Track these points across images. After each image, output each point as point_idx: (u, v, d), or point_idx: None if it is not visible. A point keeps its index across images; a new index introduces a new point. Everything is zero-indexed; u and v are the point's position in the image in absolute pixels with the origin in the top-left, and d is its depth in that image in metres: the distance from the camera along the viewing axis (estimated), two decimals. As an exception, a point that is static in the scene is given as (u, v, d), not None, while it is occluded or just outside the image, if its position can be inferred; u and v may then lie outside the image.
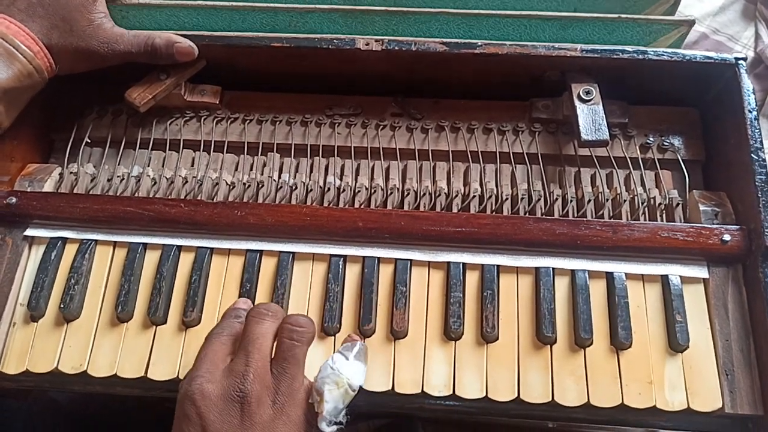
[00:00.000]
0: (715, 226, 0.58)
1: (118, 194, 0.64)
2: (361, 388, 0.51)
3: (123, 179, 0.65)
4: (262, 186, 0.65)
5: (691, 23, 0.66)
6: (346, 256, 0.60)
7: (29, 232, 0.62)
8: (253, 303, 0.58)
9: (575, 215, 0.62)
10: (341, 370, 0.50)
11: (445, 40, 0.64)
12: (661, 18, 0.66)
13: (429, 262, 0.60)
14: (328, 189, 0.64)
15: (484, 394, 0.54)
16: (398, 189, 0.64)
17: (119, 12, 0.66)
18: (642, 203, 0.62)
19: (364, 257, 0.60)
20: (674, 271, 0.58)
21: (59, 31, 0.59)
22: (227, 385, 0.47)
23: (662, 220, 0.61)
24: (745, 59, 0.62)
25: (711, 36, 1.13)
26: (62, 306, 0.58)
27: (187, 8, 0.67)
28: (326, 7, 0.67)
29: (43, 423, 0.73)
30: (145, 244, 0.61)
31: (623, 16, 0.65)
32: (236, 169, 0.67)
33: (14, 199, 0.61)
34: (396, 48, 0.63)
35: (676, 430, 0.57)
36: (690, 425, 0.55)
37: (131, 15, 0.67)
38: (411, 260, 0.60)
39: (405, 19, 0.67)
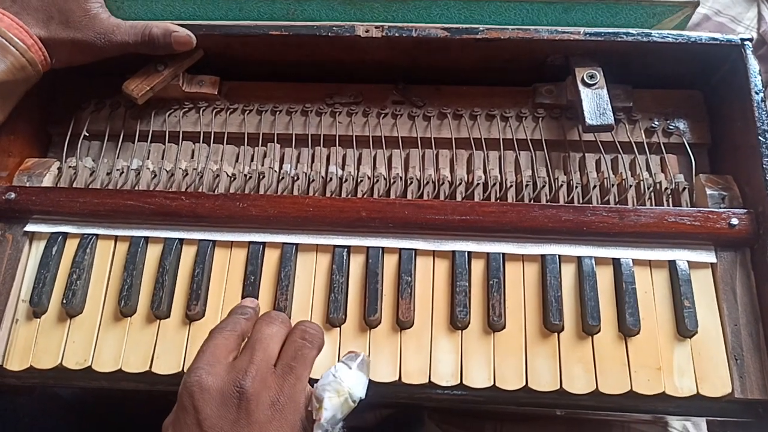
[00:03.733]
0: (722, 210, 0.58)
1: (118, 188, 0.64)
2: (361, 400, 0.49)
3: (122, 172, 0.64)
4: (264, 177, 0.64)
5: (695, 4, 0.65)
6: (350, 246, 0.59)
7: (29, 227, 0.61)
8: (257, 296, 0.58)
9: (580, 201, 0.62)
10: (343, 379, 0.49)
11: (446, 25, 0.63)
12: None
13: (434, 251, 0.59)
14: (330, 179, 0.64)
15: (492, 383, 0.54)
16: (401, 178, 0.63)
17: (114, 3, 0.64)
18: (648, 188, 0.61)
19: (368, 247, 0.59)
20: (682, 256, 0.58)
21: (54, 23, 0.58)
22: (228, 380, 0.46)
23: (669, 205, 0.61)
24: (751, 40, 0.61)
25: (713, 17, 1.11)
26: (65, 301, 0.58)
27: (183, -2, 0.66)
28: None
29: (49, 419, 0.73)
30: (146, 238, 0.60)
31: (627, -2, 0.64)
32: (237, 161, 0.66)
33: (13, 195, 0.60)
34: (396, 34, 0.62)
35: (686, 416, 0.57)
36: (699, 411, 0.55)
37: (126, 5, 0.66)
38: (415, 250, 0.59)
39: (405, 5, 0.66)
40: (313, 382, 0.50)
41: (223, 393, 0.46)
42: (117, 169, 0.65)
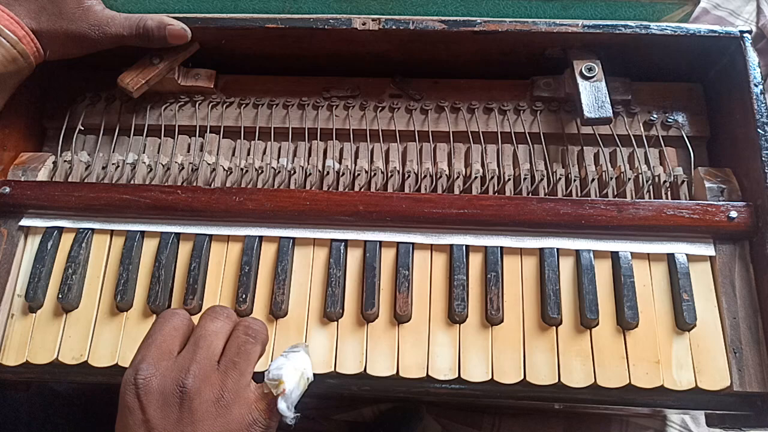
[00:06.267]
0: (721, 202, 0.57)
1: (113, 182, 0.63)
2: (311, 381, 0.50)
3: (118, 167, 0.64)
4: (260, 171, 0.64)
5: (696, 2, 0.64)
6: (347, 240, 0.59)
7: (25, 222, 0.61)
8: (254, 291, 0.58)
9: (579, 195, 0.61)
10: (295, 359, 0.49)
11: (443, 18, 0.62)
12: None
13: (431, 245, 0.59)
14: (327, 173, 0.63)
15: (490, 377, 0.54)
16: (398, 171, 0.63)
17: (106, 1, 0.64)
18: (646, 181, 0.61)
19: (365, 241, 0.59)
20: (680, 249, 0.57)
21: (47, 14, 0.58)
22: (170, 379, 0.45)
23: (667, 198, 0.61)
24: (750, 32, 0.61)
25: (712, 11, 1.11)
26: (60, 296, 0.57)
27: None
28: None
29: (45, 414, 0.72)
30: (142, 232, 0.60)
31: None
32: (233, 155, 0.66)
33: (8, 189, 0.60)
34: (393, 27, 0.62)
35: (684, 410, 0.57)
36: (698, 404, 0.55)
37: (119, 3, 0.65)
38: (413, 243, 0.59)
39: (401, 2, 0.65)
40: (258, 378, 0.49)
41: (165, 392, 0.45)
42: (112, 163, 0.64)
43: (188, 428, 0.44)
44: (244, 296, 0.57)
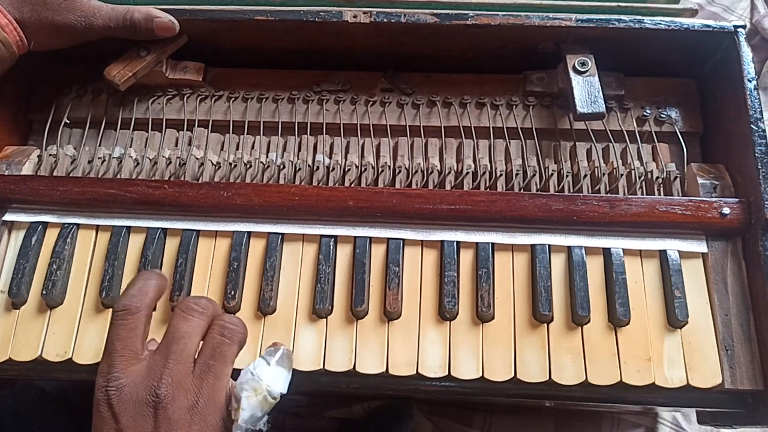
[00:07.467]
0: (713, 199, 0.57)
1: (99, 176, 0.62)
2: (282, 395, 0.48)
3: (104, 161, 0.63)
4: (249, 166, 0.63)
5: None
6: (337, 236, 0.58)
7: (8, 216, 0.60)
8: (242, 287, 0.57)
9: (571, 191, 0.61)
10: (261, 376, 0.47)
11: (435, 11, 0.62)
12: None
13: (422, 241, 0.58)
14: (317, 168, 0.62)
15: (480, 375, 0.53)
16: (389, 166, 0.62)
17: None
18: (639, 177, 0.60)
19: (355, 237, 0.58)
20: (672, 245, 0.57)
21: (32, 4, 0.57)
22: (143, 387, 0.44)
23: (660, 194, 0.60)
24: (744, 27, 0.61)
25: (706, 7, 1.11)
26: (44, 292, 0.56)
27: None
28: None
29: (32, 412, 0.71)
30: (128, 228, 0.59)
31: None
32: (222, 149, 0.65)
33: (-9, 183, 0.59)
34: (385, 20, 0.61)
35: (676, 407, 0.57)
36: (689, 402, 0.55)
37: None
38: (403, 239, 0.58)
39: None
40: (236, 374, 0.48)
41: (138, 402, 0.44)
42: (99, 157, 0.63)
43: None
44: (232, 293, 0.56)
